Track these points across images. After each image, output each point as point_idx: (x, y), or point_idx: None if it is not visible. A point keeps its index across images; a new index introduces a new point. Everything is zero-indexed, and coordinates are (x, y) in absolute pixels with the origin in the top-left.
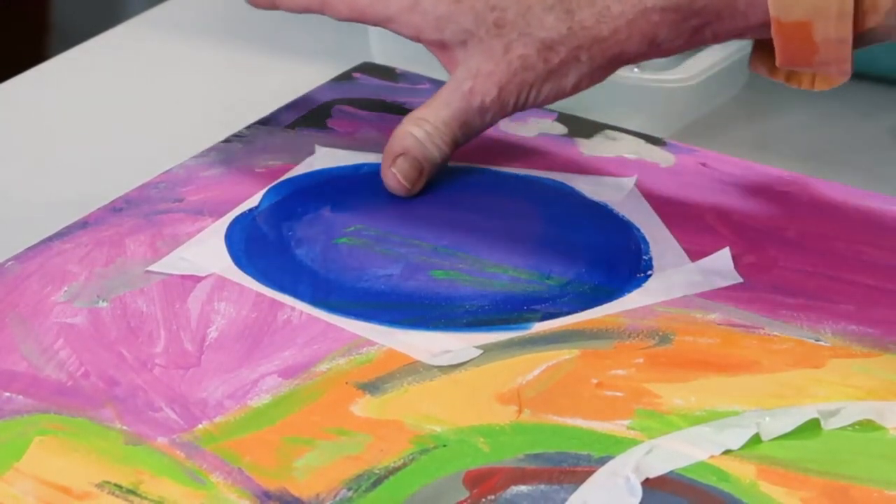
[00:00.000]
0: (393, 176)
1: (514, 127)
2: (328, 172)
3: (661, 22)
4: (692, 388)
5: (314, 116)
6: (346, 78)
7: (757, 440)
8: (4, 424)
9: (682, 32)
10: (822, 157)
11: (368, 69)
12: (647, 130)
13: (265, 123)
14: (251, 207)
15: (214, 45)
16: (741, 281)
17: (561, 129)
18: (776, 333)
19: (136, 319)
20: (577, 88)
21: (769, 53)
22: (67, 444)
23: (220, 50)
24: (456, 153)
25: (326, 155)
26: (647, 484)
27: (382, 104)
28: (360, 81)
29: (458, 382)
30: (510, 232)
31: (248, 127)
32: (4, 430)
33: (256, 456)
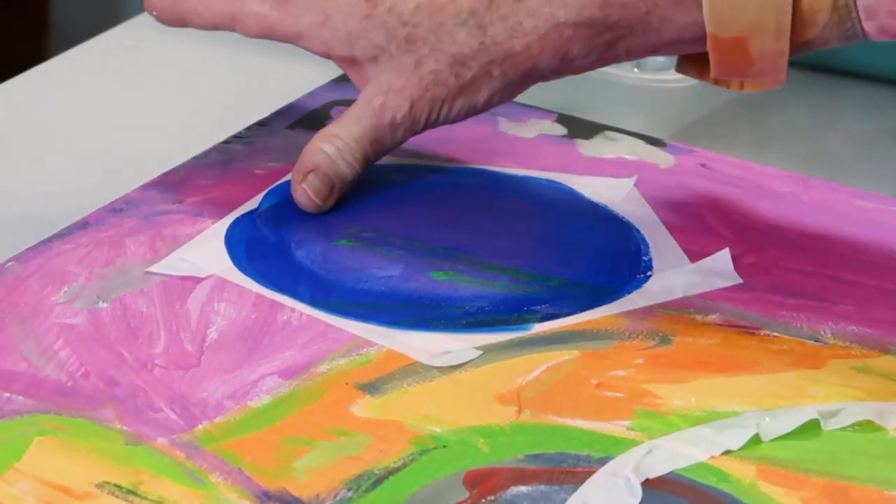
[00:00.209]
0: (303, 192)
1: (513, 128)
2: None
3: (573, 37)
4: (692, 388)
5: (314, 117)
6: (345, 79)
7: (757, 441)
8: (4, 424)
9: (594, 48)
10: (822, 157)
11: None
12: (646, 131)
13: (265, 124)
14: (251, 209)
15: (214, 45)
16: (741, 281)
17: (561, 129)
18: (776, 334)
19: (136, 320)
20: (489, 104)
21: (697, 56)
22: (67, 444)
23: (220, 50)
24: (455, 154)
25: None
26: (647, 484)
27: None
28: None
29: (457, 383)
30: (510, 233)
31: (248, 128)
32: (4, 430)
33: (256, 456)
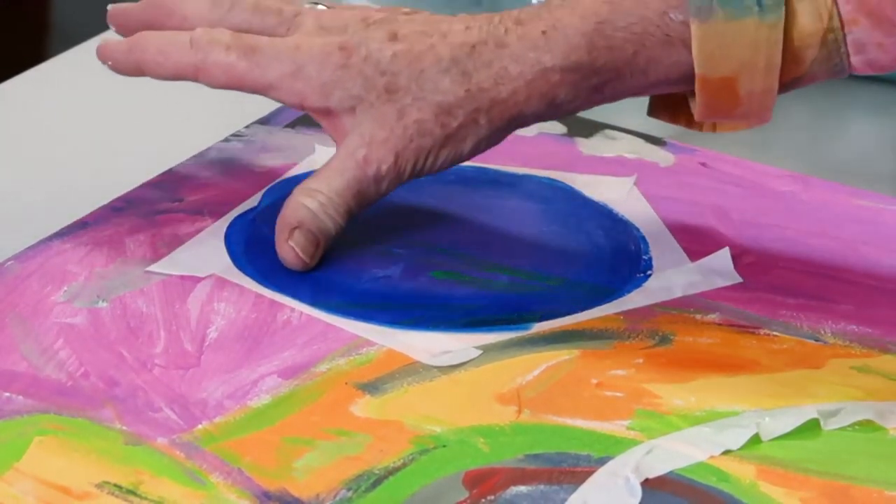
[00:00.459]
0: (290, 250)
1: None
2: None
3: (560, 82)
4: (692, 388)
5: None
6: None
7: (757, 440)
8: (4, 424)
9: (581, 92)
10: (822, 157)
11: None
12: (647, 129)
13: (265, 123)
14: (251, 207)
15: None
16: (741, 281)
17: (561, 128)
18: (776, 333)
19: (135, 320)
20: (474, 152)
21: (670, 100)
22: (67, 444)
23: None
24: None
25: (326, 155)
26: (646, 484)
27: None
28: None
29: (457, 383)
30: (510, 232)
31: (247, 126)
32: (4, 430)
33: (256, 456)
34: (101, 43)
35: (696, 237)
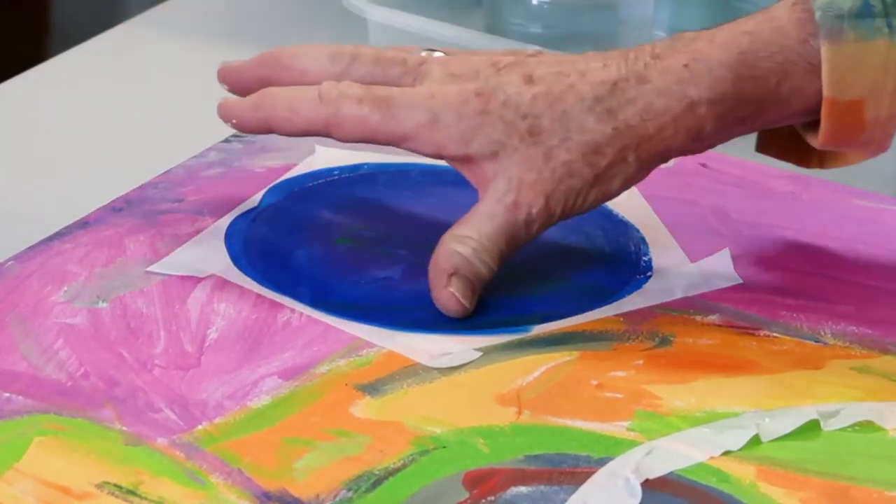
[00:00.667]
0: (451, 295)
1: None
2: (328, 173)
3: (706, 115)
4: (692, 389)
5: None
6: None
7: (757, 441)
8: (4, 424)
9: (727, 125)
10: None
11: None
12: None
13: None
14: (251, 208)
15: (214, 45)
16: (741, 281)
17: None
18: (776, 334)
19: (135, 320)
20: (621, 190)
21: (779, 135)
22: (67, 444)
23: (220, 50)
24: None
25: (326, 155)
26: (646, 485)
27: None
28: None
29: (457, 384)
30: None
31: None
32: (4, 430)
33: (256, 457)
34: (222, 102)
35: (696, 237)
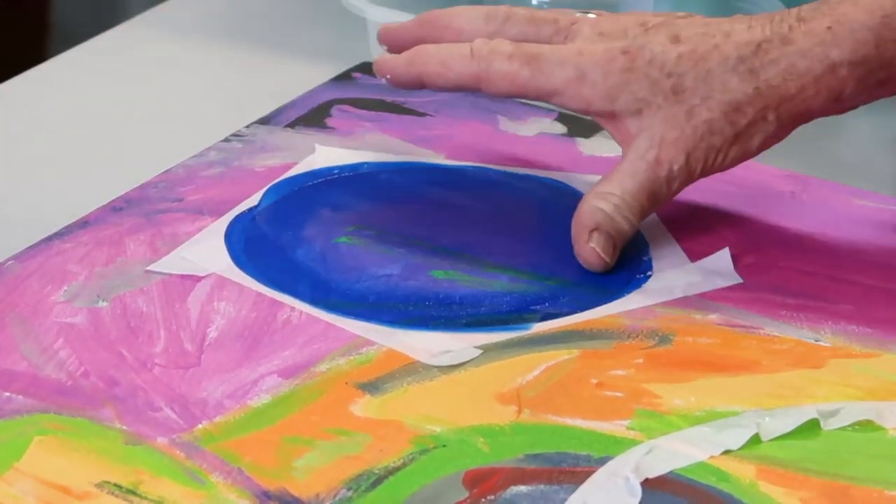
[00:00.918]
0: (592, 250)
1: (513, 126)
2: (328, 172)
3: (847, 77)
4: (692, 388)
5: (314, 116)
6: (345, 78)
7: (756, 440)
8: (4, 424)
9: (867, 87)
10: (822, 157)
11: (368, 69)
12: None
13: (265, 123)
14: (251, 207)
15: (214, 45)
16: (741, 281)
17: (561, 128)
18: (776, 334)
19: (135, 319)
20: (761, 149)
21: None
22: (67, 444)
23: (220, 50)
24: (455, 152)
25: (326, 154)
26: (646, 484)
27: (382, 104)
28: (359, 81)
29: (457, 383)
30: (510, 232)
31: (247, 126)
32: (4, 430)
33: (256, 456)
34: (378, 58)
35: (696, 237)
